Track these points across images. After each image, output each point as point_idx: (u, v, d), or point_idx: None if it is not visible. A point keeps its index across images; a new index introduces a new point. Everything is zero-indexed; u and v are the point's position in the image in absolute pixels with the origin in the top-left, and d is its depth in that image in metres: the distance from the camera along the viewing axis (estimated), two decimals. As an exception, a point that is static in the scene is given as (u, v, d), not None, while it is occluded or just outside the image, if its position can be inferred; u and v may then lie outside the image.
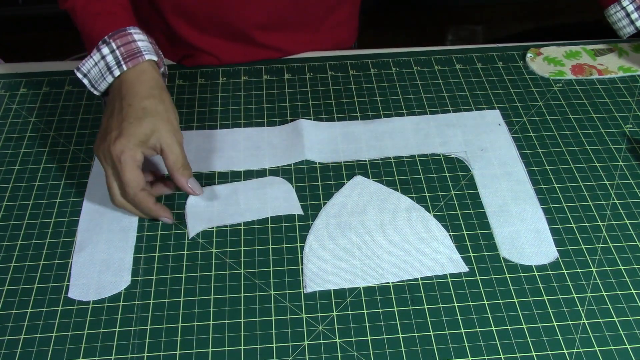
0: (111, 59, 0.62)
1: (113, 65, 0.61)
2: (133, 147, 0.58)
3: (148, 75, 0.61)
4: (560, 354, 0.53)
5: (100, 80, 0.63)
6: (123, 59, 0.61)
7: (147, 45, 0.63)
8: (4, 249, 0.61)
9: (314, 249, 0.61)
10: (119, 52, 0.61)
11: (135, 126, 0.58)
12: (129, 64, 0.61)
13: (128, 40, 0.62)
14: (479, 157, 0.69)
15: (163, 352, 0.54)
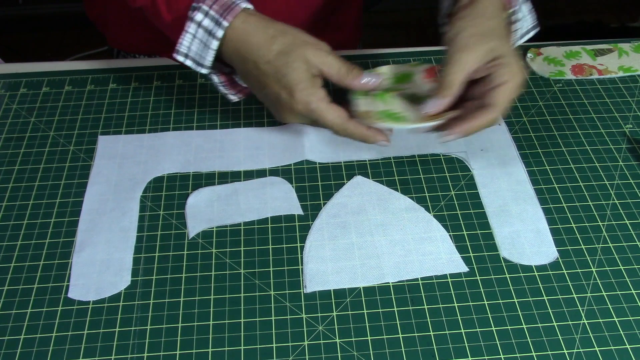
0: (208, 22, 0.56)
1: (213, 27, 0.55)
2: (310, 91, 0.54)
3: (253, 22, 0.55)
4: (560, 354, 0.53)
5: (205, 51, 0.57)
6: (220, 15, 0.55)
7: None
8: (4, 249, 0.61)
9: (314, 249, 0.61)
10: (213, 11, 0.55)
11: (292, 73, 0.54)
12: (228, 17, 0.55)
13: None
14: (479, 157, 0.69)
15: (163, 352, 0.54)
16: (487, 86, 0.52)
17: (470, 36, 0.52)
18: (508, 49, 0.52)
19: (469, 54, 0.51)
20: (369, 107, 0.57)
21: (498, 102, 0.52)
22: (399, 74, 0.60)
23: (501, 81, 0.51)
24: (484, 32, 0.52)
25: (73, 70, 0.81)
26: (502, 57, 0.51)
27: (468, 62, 0.51)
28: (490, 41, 0.52)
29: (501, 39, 0.52)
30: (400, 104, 0.57)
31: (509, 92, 0.52)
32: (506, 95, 0.52)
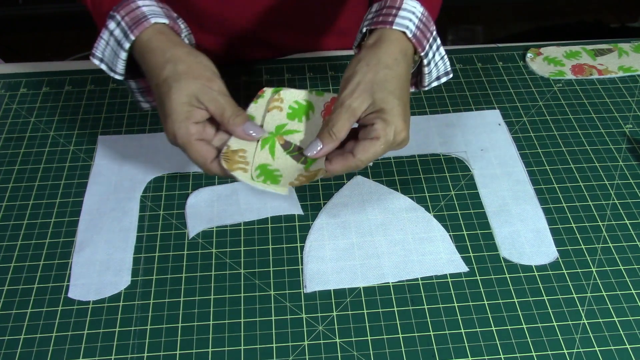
0: (118, 32, 0.56)
1: (122, 39, 0.55)
2: (180, 125, 0.53)
3: (157, 41, 0.55)
4: (560, 354, 0.53)
5: (116, 60, 0.57)
6: (129, 28, 0.55)
7: (154, 9, 0.57)
8: (4, 249, 0.61)
9: (314, 249, 0.61)
10: (124, 23, 0.55)
11: (169, 102, 0.53)
12: (135, 32, 0.55)
13: (132, 8, 0.56)
14: (479, 157, 0.69)
15: (163, 352, 0.54)
16: (361, 135, 0.53)
17: (363, 83, 0.52)
18: (393, 104, 0.51)
19: (355, 103, 0.51)
20: (243, 146, 0.55)
21: (360, 155, 0.52)
22: (298, 103, 0.58)
23: (373, 136, 0.51)
24: (377, 81, 0.51)
25: (73, 70, 0.81)
26: (384, 112, 0.51)
27: (354, 112, 0.52)
28: (378, 92, 0.51)
29: (390, 92, 0.52)
30: (278, 155, 0.56)
31: (374, 148, 0.51)
32: (371, 151, 0.51)
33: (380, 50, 0.53)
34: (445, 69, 0.60)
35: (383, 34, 0.54)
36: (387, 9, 0.55)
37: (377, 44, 0.53)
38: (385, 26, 0.54)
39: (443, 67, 0.59)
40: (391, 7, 0.55)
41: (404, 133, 0.52)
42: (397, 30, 0.54)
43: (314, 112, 0.57)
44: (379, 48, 0.53)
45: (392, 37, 0.54)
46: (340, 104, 0.52)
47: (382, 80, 0.52)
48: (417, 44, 0.54)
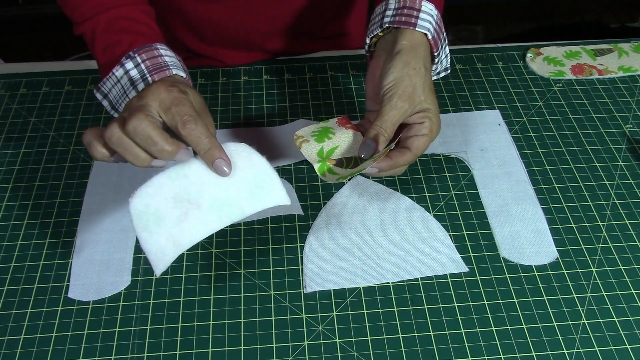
0: (135, 72, 0.56)
1: (137, 79, 0.55)
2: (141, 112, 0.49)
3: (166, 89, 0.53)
4: (560, 354, 0.53)
5: (123, 99, 0.57)
6: (149, 72, 0.55)
7: (175, 60, 0.57)
8: (4, 249, 0.61)
9: (314, 249, 0.61)
10: (144, 66, 0.55)
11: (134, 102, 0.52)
12: (154, 76, 0.54)
13: (154, 55, 0.56)
14: (479, 157, 0.69)
15: (163, 352, 0.54)
16: (409, 133, 0.57)
17: (410, 87, 0.56)
18: (432, 103, 0.57)
19: (407, 105, 0.56)
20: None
21: (417, 150, 0.57)
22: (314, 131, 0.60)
23: (422, 133, 0.57)
24: (422, 85, 0.56)
25: (73, 71, 0.81)
26: (427, 112, 0.57)
27: (405, 113, 0.56)
28: (423, 94, 0.56)
29: (428, 93, 0.57)
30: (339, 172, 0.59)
31: (426, 143, 0.57)
32: (424, 145, 0.57)
33: (420, 54, 0.57)
34: (447, 64, 0.64)
35: (414, 37, 0.58)
36: (408, 9, 0.59)
37: (415, 48, 0.57)
38: (408, 27, 0.58)
39: (445, 63, 0.64)
40: (412, 9, 0.59)
41: (439, 128, 0.58)
42: (420, 32, 0.58)
43: (333, 128, 0.59)
44: (418, 52, 0.57)
45: (422, 40, 0.58)
46: (393, 106, 0.56)
47: (427, 83, 0.57)
48: (434, 45, 0.59)
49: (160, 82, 0.53)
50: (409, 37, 0.58)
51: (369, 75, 0.61)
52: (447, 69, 0.65)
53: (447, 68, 0.65)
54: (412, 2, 0.59)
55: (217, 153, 0.50)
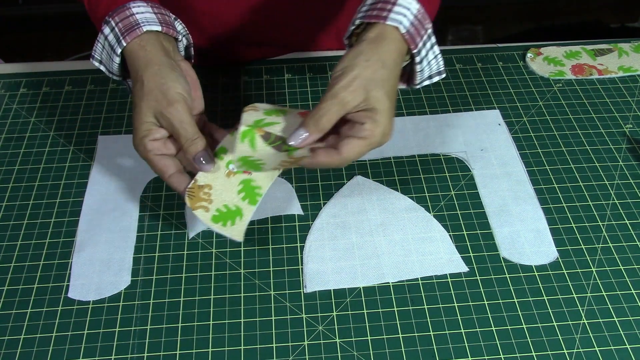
0: (112, 37, 0.57)
1: (115, 44, 0.57)
2: (139, 143, 0.54)
3: (144, 52, 0.56)
4: (560, 354, 0.53)
5: (111, 63, 0.59)
6: (121, 34, 0.56)
7: (148, 16, 0.57)
8: (4, 249, 0.61)
9: (314, 249, 0.61)
10: (117, 29, 0.57)
11: (134, 120, 0.55)
12: (127, 38, 0.56)
13: (126, 15, 0.57)
14: (479, 157, 0.69)
15: (163, 352, 0.54)
16: (349, 132, 0.52)
17: (360, 78, 0.51)
18: (382, 103, 0.51)
19: (350, 97, 0.51)
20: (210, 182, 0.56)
21: (347, 154, 0.51)
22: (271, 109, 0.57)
23: (361, 135, 0.51)
24: (375, 80, 0.51)
25: (73, 70, 0.81)
26: (375, 111, 0.51)
27: (346, 106, 0.51)
28: (373, 91, 0.51)
29: (386, 92, 0.51)
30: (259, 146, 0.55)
31: (360, 147, 0.51)
32: (357, 150, 0.51)
33: (381, 48, 0.52)
34: (438, 68, 0.59)
35: (383, 31, 0.53)
36: (382, 3, 0.55)
37: (378, 40, 0.53)
38: (379, 20, 0.53)
39: (436, 67, 0.58)
40: (386, 2, 0.54)
41: (389, 135, 0.52)
42: (391, 25, 0.53)
43: (289, 113, 0.56)
44: (380, 45, 0.52)
45: (392, 35, 0.53)
46: (333, 94, 0.51)
47: (380, 79, 0.51)
48: (409, 41, 0.54)
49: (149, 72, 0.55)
50: (375, 30, 0.54)
51: None
52: (440, 72, 0.59)
53: (440, 72, 0.59)
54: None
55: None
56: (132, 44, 0.56)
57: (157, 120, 0.54)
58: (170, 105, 0.53)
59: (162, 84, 0.54)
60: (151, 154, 0.54)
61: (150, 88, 0.54)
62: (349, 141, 0.51)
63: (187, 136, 0.54)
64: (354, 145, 0.51)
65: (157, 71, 0.55)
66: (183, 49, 0.62)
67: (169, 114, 0.53)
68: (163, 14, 0.59)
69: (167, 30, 0.58)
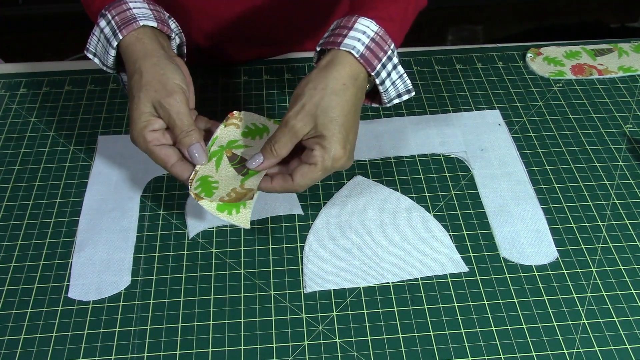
0: (108, 30, 0.58)
1: (110, 37, 0.58)
2: (138, 134, 0.55)
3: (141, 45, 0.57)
4: (560, 354, 0.53)
5: (106, 55, 0.60)
6: (118, 28, 0.57)
7: (144, 11, 0.59)
8: (4, 249, 0.61)
9: (314, 249, 0.61)
10: (114, 22, 0.58)
11: (132, 112, 0.56)
12: (123, 32, 0.57)
13: (123, 9, 0.58)
14: (479, 157, 0.69)
15: (163, 352, 0.54)
16: (303, 159, 0.54)
17: (307, 105, 0.52)
18: (331, 129, 0.52)
19: (299, 125, 0.52)
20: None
21: (299, 180, 0.53)
22: (255, 125, 0.59)
23: (311, 162, 0.53)
24: (321, 107, 0.52)
25: (73, 70, 0.81)
26: (324, 139, 0.52)
27: (297, 133, 0.53)
28: (321, 117, 0.52)
29: (333, 118, 0.52)
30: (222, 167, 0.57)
31: (312, 174, 0.53)
32: (309, 176, 0.53)
33: (330, 75, 0.53)
34: (406, 87, 0.59)
35: (335, 56, 0.54)
36: (340, 28, 0.56)
37: (328, 66, 0.54)
38: (333, 47, 0.55)
39: (403, 86, 0.59)
40: (344, 27, 0.55)
41: (342, 160, 0.53)
42: (344, 51, 0.54)
43: (271, 128, 0.58)
44: (329, 72, 0.54)
45: (344, 60, 0.54)
46: (284, 123, 0.53)
47: (327, 106, 0.52)
48: (365, 64, 0.54)
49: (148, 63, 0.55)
50: (329, 57, 0.55)
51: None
52: (409, 91, 0.59)
53: (409, 90, 0.59)
54: (347, 20, 0.56)
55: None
56: (129, 37, 0.57)
57: (155, 111, 0.55)
58: (169, 96, 0.54)
59: (162, 74, 0.55)
60: (151, 144, 0.55)
61: (149, 79, 0.55)
62: (300, 168, 0.53)
63: (183, 127, 0.55)
64: (305, 171, 0.53)
65: (156, 62, 0.56)
66: (176, 47, 0.63)
67: (168, 104, 0.54)
68: (158, 11, 0.60)
69: (162, 27, 0.59)
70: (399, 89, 0.59)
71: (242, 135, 0.59)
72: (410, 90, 0.59)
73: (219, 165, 0.57)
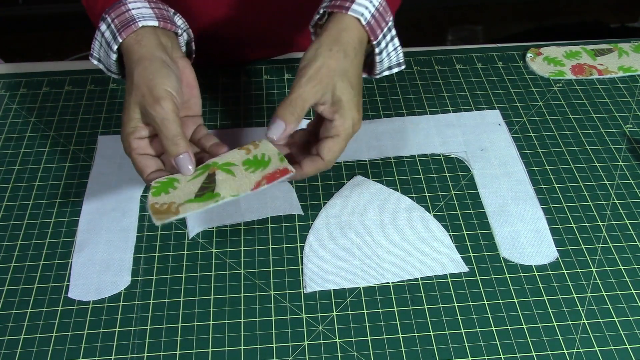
0: (108, 34, 0.57)
1: (111, 41, 0.57)
2: (124, 140, 0.55)
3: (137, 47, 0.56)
4: (560, 354, 0.53)
5: (108, 60, 0.59)
6: (117, 31, 0.56)
7: (144, 11, 0.57)
8: (4, 249, 0.61)
9: (314, 249, 0.61)
10: (114, 25, 0.57)
11: (122, 116, 0.55)
12: (122, 34, 0.56)
13: (122, 11, 0.57)
14: (479, 157, 0.69)
15: (163, 352, 0.54)
16: (324, 133, 0.54)
17: (325, 68, 0.53)
18: (347, 93, 0.53)
19: (318, 87, 0.52)
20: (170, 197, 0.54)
21: (328, 156, 0.54)
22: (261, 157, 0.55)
23: (333, 134, 0.53)
24: (338, 70, 0.53)
25: (73, 70, 0.81)
26: (341, 103, 0.53)
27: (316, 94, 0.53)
28: (338, 81, 0.53)
29: (349, 82, 0.53)
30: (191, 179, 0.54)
31: (337, 145, 0.54)
32: (336, 149, 0.54)
33: (343, 39, 0.54)
34: (398, 60, 0.61)
35: (342, 20, 0.55)
36: None
37: (339, 30, 0.54)
38: (341, 10, 0.55)
39: (396, 58, 0.60)
40: None
41: (359, 123, 0.55)
42: (352, 16, 0.55)
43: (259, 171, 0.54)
44: (341, 36, 0.54)
45: (352, 25, 0.55)
46: (302, 84, 0.52)
47: (343, 69, 0.53)
48: (370, 32, 0.56)
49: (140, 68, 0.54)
50: (337, 20, 0.55)
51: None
52: (399, 64, 0.61)
53: (400, 63, 0.61)
54: None
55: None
56: (128, 40, 0.56)
57: (143, 117, 0.54)
58: (156, 102, 0.53)
59: (150, 79, 0.53)
60: (134, 152, 0.54)
61: (139, 83, 0.54)
62: (325, 143, 0.54)
63: (168, 135, 0.53)
64: (331, 145, 0.54)
65: (147, 66, 0.54)
66: (184, 44, 0.62)
67: (154, 110, 0.53)
68: (161, 8, 0.59)
69: (165, 25, 0.58)
70: (392, 60, 0.60)
71: (242, 163, 0.55)
72: (401, 63, 0.61)
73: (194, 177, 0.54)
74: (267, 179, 0.53)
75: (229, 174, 0.54)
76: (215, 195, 0.52)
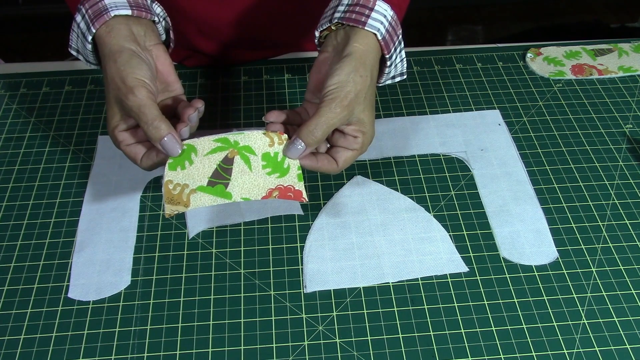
0: (83, 24, 0.56)
1: (85, 32, 0.56)
2: (111, 135, 0.55)
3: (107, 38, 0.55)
4: (560, 354, 0.53)
5: (85, 51, 0.58)
6: (91, 21, 0.55)
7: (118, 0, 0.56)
8: (4, 249, 0.61)
9: (314, 249, 0.61)
10: (87, 15, 0.56)
11: (106, 109, 0.56)
12: (95, 24, 0.55)
13: (96, 1, 0.56)
14: (479, 157, 0.69)
15: (163, 352, 0.54)
16: (341, 143, 0.56)
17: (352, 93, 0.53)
18: (369, 115, 0.55)
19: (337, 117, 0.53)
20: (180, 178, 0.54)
21: (344, 164, 0.56)
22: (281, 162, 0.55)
23: (353, 148, 0.56)
24: (358, 95, 0.54)
25: (73, 70, 0.81)
26: (361, 125, 0.55)
27: (342, 120, 0.54)
28: (362, 104, 0.54)
29: (367, 104, 0.55)
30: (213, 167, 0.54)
31: (353, 157, 0.56)
32: (350, 160, 0.56)
33: (368, 61, 0.55)
34: (402, 69, 0.61)
35: (365, 39, 0.55)
36: (360, 7, 0.56)
37: (365, 53, 0.55)
38: (357, 25, 0.55)
39: (401, 68, 0.61)
40: (364, 7, 0.56)
41: (373, 138, 0.57)
42: (369, 32, 0.55)
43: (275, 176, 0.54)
44: (368, 58, 0.55)
45: (372, 44, 0.56)
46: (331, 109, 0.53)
47: (369, 93, 0.55)
48: (384, 47, 0.56)
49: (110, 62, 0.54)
50: (361, 39, 0.55)
51: (314, 68, 0.58)
52: (402, 73, 0.62)
53: (403, 73, 0.62)
54: (365, 0, 0.57)
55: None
56: (100, 31, 0.56)
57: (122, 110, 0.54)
58: (129, 92, 0.52)
59: (122, 71, 0.53)
60: (122, 144, 0.55)
61: (112, 77, 0.54)
62: (344, 153, 0.56)
63: (147, 120, 0.52)
64: (349, 156, 0.56)
65: (117, 59, 0.54)
66: (164, 32, 0.61)
67: (128, 100, 0.52)
68: None
69: (139, 14, 0.57)
70: (397, 70, 0.61)
71: (262, 156, 0.55)
72: (403, 73, 0.62)
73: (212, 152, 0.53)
74: (280, 193, 0.54)
75: (246, 165, 0.54)
76: (227, 194, 0.53)
